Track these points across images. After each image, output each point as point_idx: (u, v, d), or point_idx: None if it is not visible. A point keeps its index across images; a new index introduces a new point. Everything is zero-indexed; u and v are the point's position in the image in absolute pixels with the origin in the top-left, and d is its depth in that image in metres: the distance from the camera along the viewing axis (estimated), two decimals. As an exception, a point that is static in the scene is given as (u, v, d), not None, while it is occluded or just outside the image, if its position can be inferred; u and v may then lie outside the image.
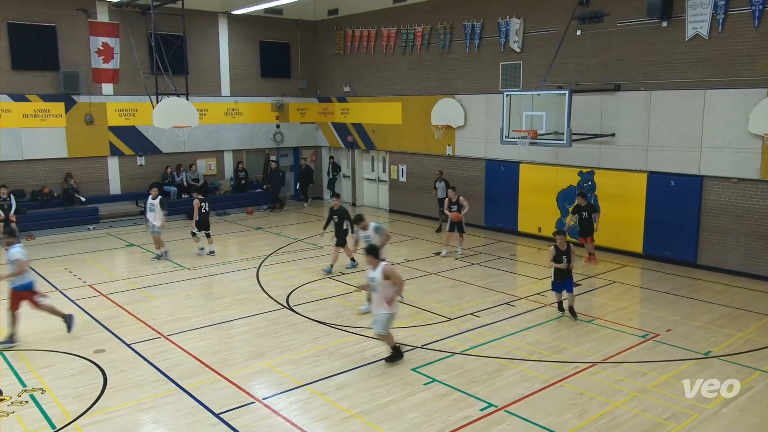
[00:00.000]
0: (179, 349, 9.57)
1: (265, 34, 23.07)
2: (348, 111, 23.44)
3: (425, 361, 9.05)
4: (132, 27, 19.79)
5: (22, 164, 18.62)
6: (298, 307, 11.54)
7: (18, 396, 8.04)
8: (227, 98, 22.43)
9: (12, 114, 18.22)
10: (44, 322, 10.89)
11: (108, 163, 20.26)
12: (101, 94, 19.77)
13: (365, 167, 23.76)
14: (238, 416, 7.46)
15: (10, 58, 18.05)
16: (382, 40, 21.35)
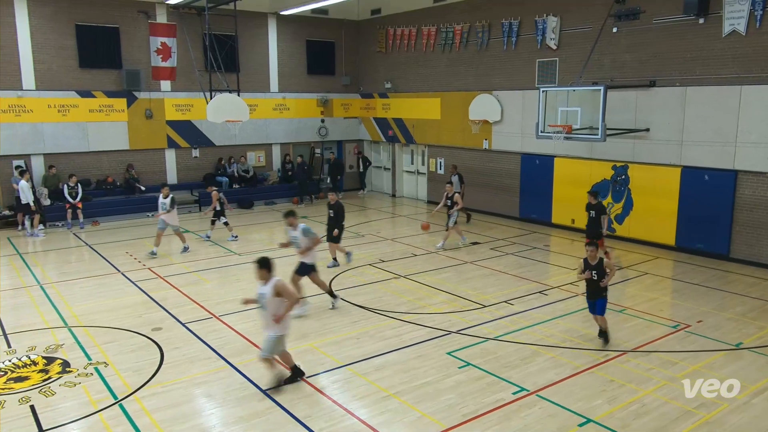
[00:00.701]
0: (229, 329, 9.75)
1: (312, 33, 23.17)
2: (389, 106, 23.41)
3: (460, 346, 9.02)
4: (188, 27, 20.13)
5: (89, 155, 19.19)
6: (340, 292, 11.62)
7: (84, 368, 8.33)
8: (275, 94, 22.64)
9: (79, 109, 18.78)
10: (108, 301, 11.25)
11: (165, 155, 20.71)
12: (160, 91, 20.18)
13: (405, 160, 23.71)
14: (283, 393, 7.57)
15: (77, 57, 18.58)
16: (423, 38, 21.22)
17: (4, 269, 13.39)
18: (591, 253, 8.69)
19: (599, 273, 8.67)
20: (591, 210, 12.96)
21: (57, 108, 18.40)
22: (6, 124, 17.66)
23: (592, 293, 8.90)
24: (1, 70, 17.44)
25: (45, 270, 13.36)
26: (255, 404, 7.32)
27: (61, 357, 8.69)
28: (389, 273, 12.95)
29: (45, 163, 18.45)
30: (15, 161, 17.94)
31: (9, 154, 17.86)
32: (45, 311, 10.66)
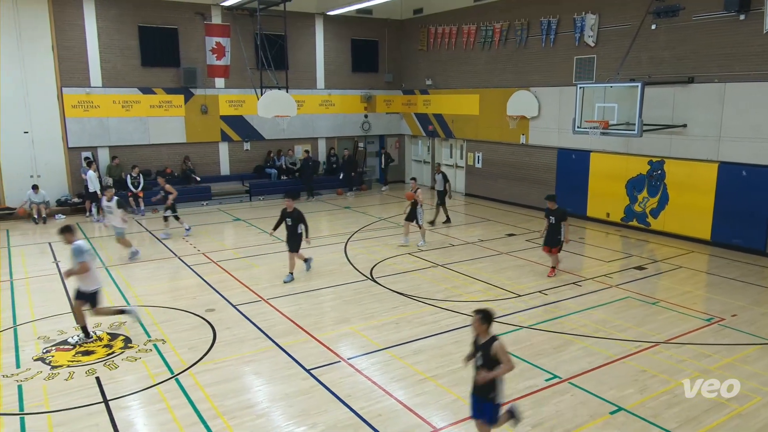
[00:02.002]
0: (277, 312, 9.90)
1: (356, 32, 23.17)
2: (429, 102, 23.26)
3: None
4: (241, 28, 20.39)
5: (149, 148, 19.70)
6: (381, 279, 11.66)
7: (144, 345, 8.59)
8: (322, 91, 22.77)
9: (141, 105, 19.28)
10: (166, 283, 11.56)
11: (219, 148, 21.09)
12: (214, 88, 20.53)
13: (444, 154, 23.56)
14: (325, 373, 7.66)
15: (140, 56, 19.05)
16: (463, 36, 20.97)
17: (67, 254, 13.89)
18: (476, 325, 5.46)
19: (485, 359, 5.41)
20: (550, 216, 11.52)
21: (121, 104, 18.93)
22: (76, 118, 18.28)
23: (476, 387, 5.55)
24: (71, 69, 18.04)
25: (109, 253, 13.81)
26: (299, 382, 7.42)
27: (123, 334, 8.98)
28: (427, 262, 12.92)
29: (110, 154, 19.03)
30: (84, 153, 18.57)
31: (78, 146, 18.49)
32: (109, 291, 11.01)
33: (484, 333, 5.50)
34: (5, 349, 8.42)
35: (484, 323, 5.48)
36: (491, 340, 5.44)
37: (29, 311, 10.00)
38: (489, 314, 5.53)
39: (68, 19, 17.78)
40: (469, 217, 18.13)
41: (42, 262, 13.07)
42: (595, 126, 14.23)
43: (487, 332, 5.49)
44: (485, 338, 5.48)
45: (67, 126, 18.19)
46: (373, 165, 25.09)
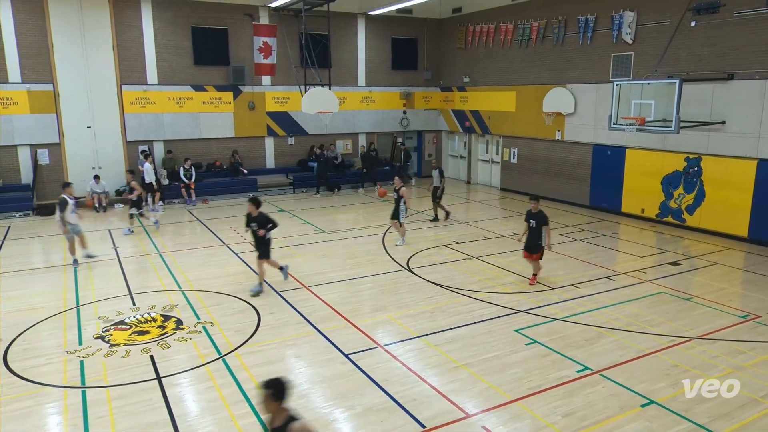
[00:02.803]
0: (317, 299, 10.00)
1: (396, 31, 23.08)
2: (467, 99, 23.02)
3: (527, 324, 8.84)
4: (287, 28, 20.57)
5: (200, 142, 20.13)
6: (417, 269, 11.65)
7: (194, 326, 8.82)
8: (362, 88, 22.79)
9: (193, 101, 19.69)
10: (214, 269, 11.81)
11: (265, 142, 21.38)
12: (261, 85, 20.79)
13: (480, 149, 23.30)
14: (363, 358, 7.71)
15: (192, 55, 19.43)
16: (500, 34, 20.65)
17: (130, 239, 14.36)
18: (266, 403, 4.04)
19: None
20: (531, 219, 10.46)
21: (175, 100, 19.38)
22: (134, 114, 18.81)
23: None
24: (130, 68, 18.55)
25: (163, 240, 14.20)
26: (338, 366, 7.50)
27: (175, 316, 9.24)
28: (462, 254, 12.83)
29: (164, 148, 19.53)
30: (140, 146, 19.11)
31: (135, 140, 19.04)
32: (163, 276, 11.35)
33: (277, 412, 4.02)
34: (69, 327, 8.78)
35: (274, 400, 4.01)
36: (288, 420, 3.97)
37: (91, 293, 10.39)
38: (281, 387, 4.03)
39: (127, 21, 18.28)
40: (503, 211, 17.92)
41: (102, 247, 13.53)
42: (632, 123, 13.83)
43: (281, 410, 4.02)
44: (280, 420, 3.99)
45: (125, 121, 18.74)
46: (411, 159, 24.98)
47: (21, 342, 8.25)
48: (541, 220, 10.34)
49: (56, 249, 13.41)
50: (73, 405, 6.57)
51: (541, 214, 10.39)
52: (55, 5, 17.18)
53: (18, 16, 16.81)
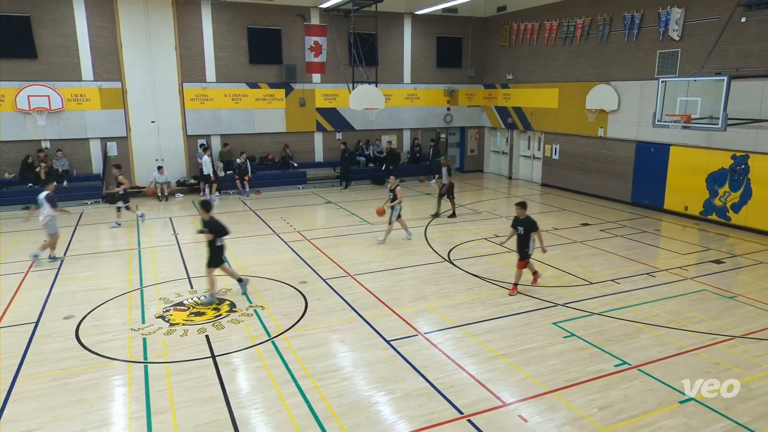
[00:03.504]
0: (361, 287, 10.07)
1: (442, 30, 22.85)
2: (509, 96, 22.62)
3: (565, 318, 8.66)
4: (336, 28, 20.68)
5: (254, 136, 20.51)
6: (458, 261, 11.57)
7: (246, 310, 9.04)
8: (408, 85, 22.71)
9: (248, 98, 20.08)
10: (265, 257, 12.05)
11: (315, 137, 21.60)
12: (311, 83, 21.00)
13: (522, 145, 22.87)
14: (404, 344, 7.73)
15: (248, 54, 19.79)
16: (545, 32, 20.16)
17: (189, 226, 14.81)
18: None
19: None
20: (519, 226, 9.64)
21: (231, 97, 19.81)
22: (193, 110, 19.35)
23: None
24: (191, 67, 19.07)
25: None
26: (380, 352, 7.54)
27: (229, 299, 9.49)
28: (502, 247, 12.65)
29: (221, 142, 20.01)
30: (199, 140, 19.64)
31: (195, 134, 19.58)
32: (218, 261, 11.66)
33: None
34: (133, 307, 9.15)
35: None
36: None
37: (153, 275, 10.78)
38: None
39: (189, 23, 18.77)
40: (544, 206, 17.56)
41: (164, 233, 14.02)
42: (677, 120, 13.26)
43: None
44: None
45: (186, 116, 19.29)
46: (454, 155, 24.83)
47: (91, 319, 8.66)
48: (529, 226, 9.54)
49: (123, 234, 13.98)
50: (137, 378, 6.85)
51: (529, 220, 9.59)
52: (124, 9, 17.81)
53: (91, 20, 17.52)
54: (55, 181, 11.71)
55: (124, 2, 17.77)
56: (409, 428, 5.83)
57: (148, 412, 6.14)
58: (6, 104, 16.94)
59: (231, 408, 6.20)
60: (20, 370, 7.07)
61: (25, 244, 12.86)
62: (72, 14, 17.27)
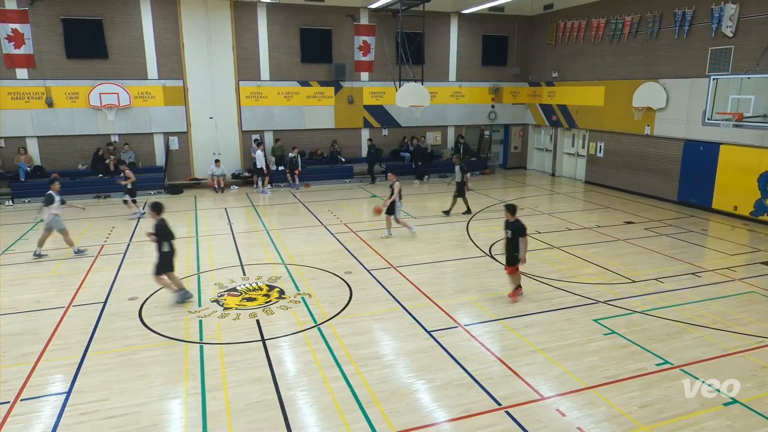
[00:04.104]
0: (404, 278, 10.08)
1: (487, 28, 22.47)
2: (554, 94, 22.04)
3: (606, 315, 8.41)
4: (384, 27, 20.66)
5: (304, 132, 20.80)
6: (499, 256, 11.40)
7: (294, 297, 9.21)
8: (453, 83, 22.48)
9: (299, 95, 20.36)
10: (313, 247, 12.22)
11: (362, 133, 21.71)
12: (360, 81, 21.08)
13: (566, 143, 22.28)
14: (444, 335, 7.70)
15: (300, 53, 20.04)
16: (591, 30, 19.51)
17: (242, 217, 15.20)
18: None
19: None
20: (507, 229, 8.95)
21: (283, 94, 20.14)
22: (248, 107, 19.78)
23: None
24: (246, 66, 19.49)
25: (270, 219, 14.89)
26: (421, 342, 7.54)
27: (278, 286, 9.68)
28: (543, 243, 12.40)
29: (273, 137, 20.39)
30: (253, 135, 20.08)
31: (249, 129, 20.02)
32: (269, 250, 11.92)
33: None
34: (191, 291, 9.47)
35: None
36: None
37: (209, 262, 11.13)
38: None
39: (245, 24, 19.17)
40: (587, 204, 17.07)
41: (220, 223, 14.44)
42: (728, 118, 12.61)
43: None
44: None
45: (241, 113, 19.75)
46: (497, 152, 24.46)
47: (153, 301, 9.03)
48: (517, 230, 8.77)
49: (182, 223, 14.47)
50: (193, 357, 7.10)
51: (518, 224, 8.80)
52: (186, 12, 18.36)
53: (156, 22, 18.15)
54: (58, 182, 11.54)
55: (187, 5, 18.31)
56: (448, 417, 5.82)
57: (203, 389, 6.36)
58: (80, 101, 17.80)
59: (279, 389, 6.34)
60: (90, 345, 7.46)
61: (95, 230, 13.52)
62: (139, 17, 17.94)
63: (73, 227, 13.85)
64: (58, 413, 5.90)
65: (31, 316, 8.42)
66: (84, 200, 17.11)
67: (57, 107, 17.66)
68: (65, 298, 9.10)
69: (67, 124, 17.88)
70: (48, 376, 6.66)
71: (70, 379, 6.59)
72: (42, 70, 17.28)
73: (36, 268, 10.71)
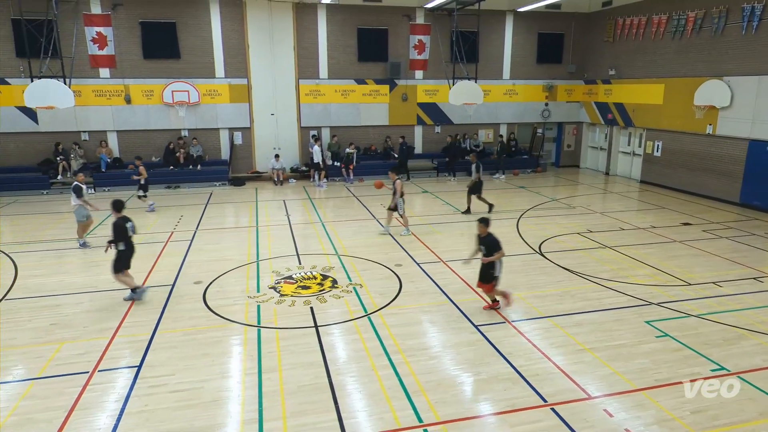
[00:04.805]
0: (453, 273, 10.01)
1: (543, 26, 21.82)
2: (611, 92, 21.15)
3: (659, 317, 8.03)
4: (439, 26, 20.46)
5: (359, 128, 20.94)
6: (548, 254, 11.12)
7: (346, 287, 9.33)
8: (506, 81, 21.99)
9: (355, 93, 20.52)
10: (365, 239, 12.31)
11: (415, 130, 21.64)
12: (414, 79, 20.99)
13: (621, 141, 21.35)
14: (491, 330, 7.60)
15: (357, 52, 20.17)
16: (652, 26, 18.56)
17: (299, 209, 15.52)
18: None
19: None
20: (480, 245, 8.09)
21: (340, 92, 20.35)
22: (307, 104, 20.13)
23: None
24: (306, 65, 19.82)
25: (325, 211, 15.13)
26: (468, 335, 7.47)
27: (332, 276, 9.84)
28: (595, 242, 11.97)
29: (330, 133, 20.66)
30: (311, 131, 20.43)
31: (308, 126, 20.38)
32: (323, 241, 12.12)
33: None
34: (251, 277, 9.78)
35: None
36: None
37: (267, 250, 11.45)
38: None
39: (306, 25, 19.49)
40: (642, 204, 16.33)
41: (278, 214, 14.80)
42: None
43: None
44: None
45: (300, 110, 20.13)
46: (549, 150, 23.78)
47: (215, 285, 9.39)
48: (491, 245, 7.87)
49: (244, 213, 14.94)
50: (251, 340, 7.34)
51: (491, 238, 7.90)
52: (252, 14, 18.86)
53: (224, 24, 18.76)
54: (82, 173, 11.61)
55: (252, 8, 18.81)
56: (493, 410, 5.74)
57: (260, 369, 6.56)
58: (155, 98, 18.68)
59: (329, 373, 6.46)
60: (159, 324, 7.86)
61: (166, 218, 14.18)
62: (209, 19, 18.60)
63: (145, 215, 14.57)
64: (130, 384, 6.25)
65: (109, 295, 8.95)
66: (156, 190, 17.98)
67: (134, 104, 18.60)
68: (138, 280, 9.59)
69: (143, 119, 18.81)
70: (122, 350, 7.07)
71: (141, 354, 6.97)
72: (122, 70, 18.24)
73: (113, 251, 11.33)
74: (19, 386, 6.24)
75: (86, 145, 18.55)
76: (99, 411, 5.75)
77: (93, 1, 17.55)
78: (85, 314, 8.20)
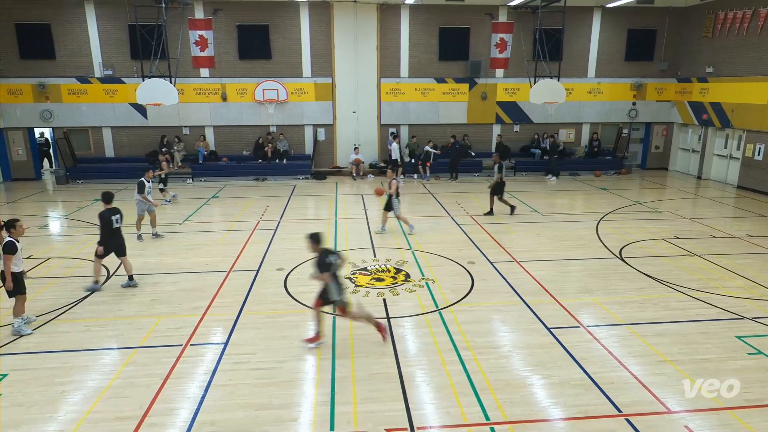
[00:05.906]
0: (526, 273, 9.72)
1: (633, 22, 20.48)
2: (707, 90, 19.47)
3: (753, 333, 7.32)
4: (522, 24, 19.83)
5: (437, 126, 20.79)
6: (630, 259, 10.48)
7: (418, 281, 9.34)
8: (591, 79, 20.91)
9: (435, 92, 20.41)
10: (439, 235, 12.24)
11: (492, 129, 21.18)
12: (494, 77, 20.53)
13: (717, 144, 19.62)
14: (564, 334, 7.30)
15: (437, 52, 20.03)
16: (758, 20, 16.84)
17: (376, 203, 15.72)
18: None
19: None
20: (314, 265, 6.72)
21: (420, 91, 20.33)
22: (387, 102, 20.31)
23: None
24: (388, 64, 19.98)
25: (400, 207, 15.15)
26: (540, 337, 7.23)
27: (405, 270, 9.89)
28: (682, 250, 11.11)
29: (408, 132, 20.71)
30: (390, 129, 20.60)
31: (387, 123, 20.56)
32: (398, 236, 12.20)
33: None
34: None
35: None
36: None
37: (345, 242, 11.72)
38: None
39: (389, 25, 19.64)
40: (738, 210, 14.93)
41: (355, 207, 15.09)
42: None
43: None
44: None
45: (381, 108, 20.35)
46: (635, 151, 22.34)
47: (296, 273, 9.76)
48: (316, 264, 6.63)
49: (324, 206, 15.38)
50: (326, 326, 7.56)
51: (318, 258, 6.62)
52: (338, 15, 19.30)
53: (313, 26, 19.35)
54: (152, 170, 12.20)
55: (339, 10, 19.24)
56: (563, 415, 5.52)
57: (333, 355, 6.75)
58: (247, 96, 19.66)
59: (399, 365, 6.51)
60: (244, 306, 8.30)
61: (254, 208, 14.93)
62: (299, 21, 19.26)
63: (235, 204, 15.41)
64: (217, 359, 6.66)
65: (201, 276, 9.58)
66: (244, 182, 18.94)
67: (229, 101, 19.70)
68: (227, 264, 10.20)
69: (237, 115, 19.87)
70: (211, 328, 7.55)
71: (228, 332, 7.40)
72: (219, 70, 19.36)
73: (206, 237, 12.13)
74: (124, 353, 6.85)
75: (186, 139, 19.92)
76: (190, 381, 6.18)
77: (197, 7, 18.76)
78: (180, 293, 8.84)
